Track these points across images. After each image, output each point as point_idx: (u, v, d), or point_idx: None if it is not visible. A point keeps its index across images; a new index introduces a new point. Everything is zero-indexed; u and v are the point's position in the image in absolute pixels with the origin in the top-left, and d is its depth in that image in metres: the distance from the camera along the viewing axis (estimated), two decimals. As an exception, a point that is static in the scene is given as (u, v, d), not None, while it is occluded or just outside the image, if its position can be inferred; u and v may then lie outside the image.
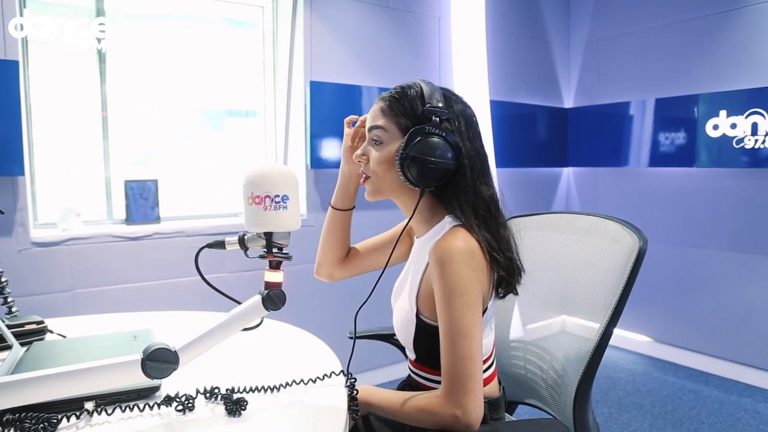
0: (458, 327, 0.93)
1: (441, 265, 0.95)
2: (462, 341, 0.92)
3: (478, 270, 0.97)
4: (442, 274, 0.95)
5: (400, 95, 1.07)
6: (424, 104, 1.04)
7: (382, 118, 1.08)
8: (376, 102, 1.12)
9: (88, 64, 2.40)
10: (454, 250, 0.95)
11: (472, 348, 0.92)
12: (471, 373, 0.91)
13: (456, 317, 0.93)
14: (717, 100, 3.04)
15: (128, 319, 1.45)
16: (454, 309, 0.94)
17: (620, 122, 3.58)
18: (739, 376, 3.06)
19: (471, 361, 0.92)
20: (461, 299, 0.94)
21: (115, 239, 2.25)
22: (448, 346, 0.94)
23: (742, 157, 2.95)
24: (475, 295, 0.95)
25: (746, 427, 2.55)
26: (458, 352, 0.92)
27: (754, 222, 2.99)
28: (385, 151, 1.07)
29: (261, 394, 0.93)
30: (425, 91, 1.05)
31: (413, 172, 1.00)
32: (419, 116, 1.04)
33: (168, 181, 2.57)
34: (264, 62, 2.88)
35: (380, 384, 2.39)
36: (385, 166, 1.07)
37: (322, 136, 2.76)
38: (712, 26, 3.11)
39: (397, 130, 1.06)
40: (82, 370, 0.78)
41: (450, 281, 0.94)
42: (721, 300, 3.14)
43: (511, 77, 3.58)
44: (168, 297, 2.36)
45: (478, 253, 0.98)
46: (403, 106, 1.06)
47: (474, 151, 1.05)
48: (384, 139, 1.08)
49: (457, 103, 1.08)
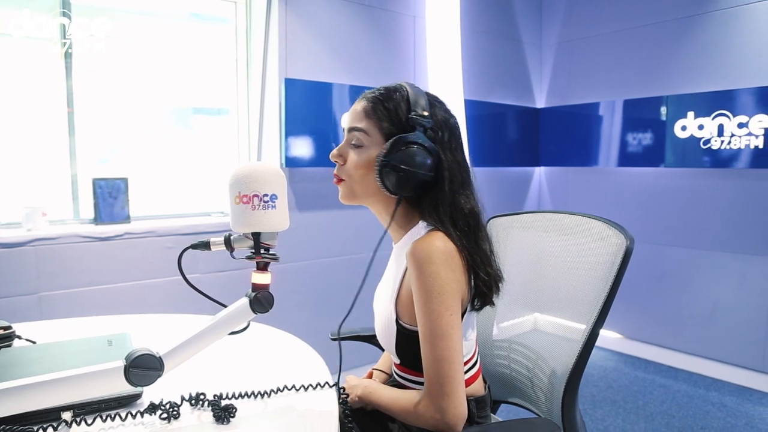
0: (435, 328, 0.92)
1: (418, 265, 0.94)
2: (440, 343, 0.92)
3: (456, 271, 0.96)
4: (419, 274, 0.94)
5: (384, 97, 1.04)
6: (410, 110, 1.01)
7: (365, 120, 1.05)
8: (359, 101, 1.08)
9: (53, 59, 2.31)
10: (432, 250, 0.94)
11: (451, 349, 0.92)
12: (450, 374, 0.91)
13: (433, 318, 0.92)
14: (685, 102, 3.11)
15: (101, 322, 1.40)
16: (431, 310, 0.93)
17: (590, 122, 3.64)
18: (706, 371, 3.15)
19: (450, 363, 0.91)
20: (438, 299, 0.92)
21: (83, 239, 2.17)
22: (427, 348, 0.93)
23: (709, 158, 3.03)
24: (452, 295, 0.94)
25: (714, 419, 2.62)
26: (437, 354, 0.92)
27: (720, 221, 3.08)
28: (364, 156, 1.04)
29: (250, 400, 0.90)
30: (411, 96, 1.02)
31: (392, 180, 0.98)
32: (403, 123, 1.01)
33: (136, 179, 2.48)
34: (237, 59, 2.82)
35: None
36: (363, 171, 1.04)
37: (297, 135, 2.72)
38: (679, 30, 3.19)
39: (379, 135, 1.03)
40: (60, 380, 0.74)
41: (427, 282, 0.93)
42: (688, 297, 3.23)
43: (485, 77, 3.60)
44: (140, 299, 2.29)
45: (455, 255, 0.96)
46: (387, 110, 1.03)
47: (455, 163, 1.03)
48: (364, 143, 1.04)
49: (442, 111, 1.06)
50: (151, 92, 2.59)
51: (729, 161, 2.96)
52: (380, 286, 1.16)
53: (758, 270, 2.94)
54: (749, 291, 2.98)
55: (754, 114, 2.83)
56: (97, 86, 2.42)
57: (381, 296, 1.13)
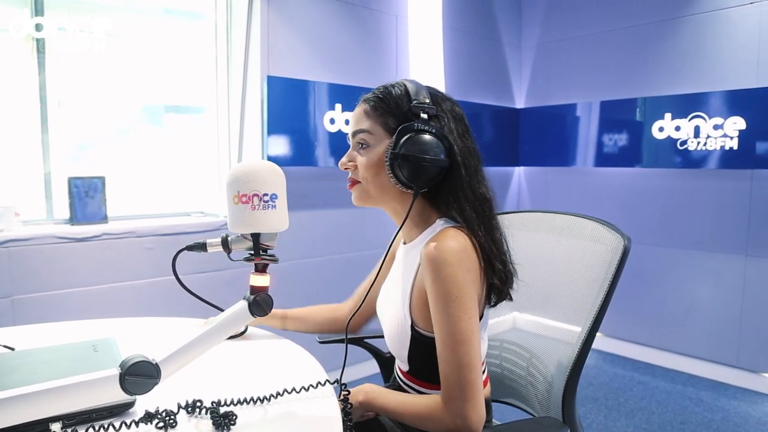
0: (455, 333, 0.90)
1: (434, 267, 0.92)
2: (460, 348, 0.90)
3: (472, 270, 0.94)
4: (436, 277, 0.91)
5: (384, 95, 1.03)
6: (411, 101, 0.99)
7: (367, 121, 1.03)
8: (359, 105, 1.07)
9: (25, 54, 2.22)
10: (447, 251, 0.91)
11: (471, 354, 0.90)
12: (470, 380, 0.89)
13: (452, 323, 0.90)
14: (662, 104, 3.17)
15: (80, 327, 1.34)
16: (450, 315, 0.90)
17: (569, 123, 3.69)
18: (683, 367, 3.21)
19: (470, 368, 0.89)
20: (456, 303, 0.90)
21: (59, 240, 2.09)
22: (446, 353, 0.91)
23: (685, 158, 3.09)
24: (470, 297, 0.92)
25: (692, 415, 2.67)
26: (456, 360, 0.90)
27: (696, 220, 3.15)
28: (372, 154, 1.02)
29: (249, 406, 0.87)
30: (410, 88, 1.01)
31: (405, 172, 0.96)
32: (406, 114, 0.99)
33: (110, 178, 2.40)
34: (217, 56, 2.76)
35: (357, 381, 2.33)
36: (375, 170, 1.01)
37: (279, 133, 2.67)
38: (657, 33, 3.24)
39: (383, 131, 1.01)
40: (52, 390, 0.70)
41: (444, 285, 0.91)
42: (665, 295, 3.29)
43: (466, 76, 3.61)
44: (119, 302, 2.22)
45: (471, 252, 0.94)
46: (388, 106, 1.01)
47: (466, 149, 1.02)
48: (370, 142, 1.02)
49: (445, 101, 1.05)
50: (125, 89, 2.51)
51: (705, 162, 3.02)
52: (386, 288, 1.14)
53: (733, 269, 3.01)
54: (724, 289, 3.05)
55: (728, 116, 2.90)
56: (70, 82, 2.34)
57: (389, 299, 1.10)
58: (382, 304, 1.15)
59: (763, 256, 2.90)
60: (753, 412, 2.70)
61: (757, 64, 2.86)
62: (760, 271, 2.91)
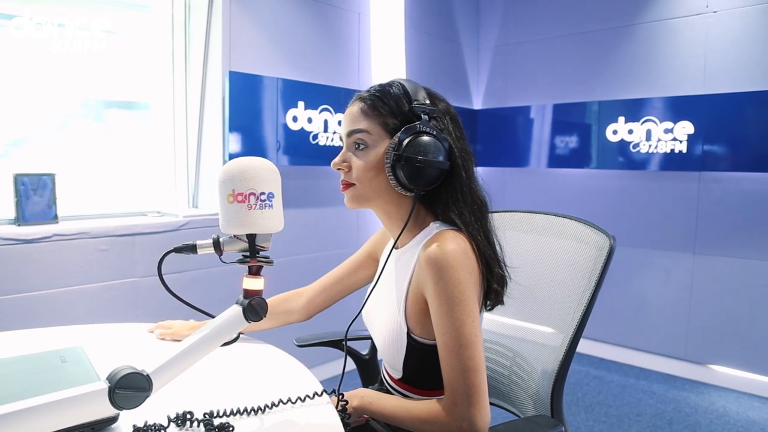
0: (459, 337, 0.88)
1: (437, 270, 0.90)
2: (465, 352, 0.88)
3: (473, 274, 0.93)
4: (438, 280, 0.90)
5: (382, 94, 0.99)
6: (410, 102, 0.97)
7: (365, 120, 0.99)
8: (353, 103, 1.03)
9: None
10: (449, 253, 0.90)
11: (476, 358, 0.89)
12: (476, 384, 0.87)
13: (456, 327, 0.89)
14: (616, 107, 3.28)
15: (39, 335, 1.25)
16: (454, 319, 0.89)
17: (524, 125, 3.76)
18: (635, 361, 3.34)
19: (475, 372, 0.88)
20: (460, 307, 0.89)
21: (3, 242, 1.94)
22: (450, 358, 0.89)
23: (638, 160, 3.21)
24: (472, 300, 0.91)
25: (646, 407, 2.78)
26: (462, 364, 0.88)
27: (648, 220, 3.28)
28: (371, 155, 0.98)
29: (243, 416, 0.83)
30: (409, 88, 0.99)
31: (407, 173, 0.93)
32: (407, 114, 0.97)
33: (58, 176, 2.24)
34: (174, 50, 2.65)
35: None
36: (373, 172, 0.98)
37: (241, 129, 2.60)
38: (612, 39, 3.36)
39: (383, 132, 0.98)
40: (35, 408, 0.64)
41: (447, 289, 0.89)
42: (617, 292, 3.40)
43: (426, 76, 3.61)
44: (71, 307, 2.09)
45: (471, 255, 0.93)
46: (388, 105, 0.98)
47: (464, 151, 1.00)
48: (369, 143, 0.99)
49: (441, 102, 1.03)
50: (63, 82, 2.33)
51: (656, 164, 3.15)
52: (376, 294, 1.09)
53: (681, 266, 3.15)
54: (673, 286, 3.19)
55: (678, 120, 3.03)
56: (6, 73, 2.17)
57: (381, 306, 1.07)
58: (370, 312, 1.11)
59: (709, 254, 3.05)
60: (701, 402, 2.83)
61: (704, 72, 3.01)
62: (706, 269, 3.06)
